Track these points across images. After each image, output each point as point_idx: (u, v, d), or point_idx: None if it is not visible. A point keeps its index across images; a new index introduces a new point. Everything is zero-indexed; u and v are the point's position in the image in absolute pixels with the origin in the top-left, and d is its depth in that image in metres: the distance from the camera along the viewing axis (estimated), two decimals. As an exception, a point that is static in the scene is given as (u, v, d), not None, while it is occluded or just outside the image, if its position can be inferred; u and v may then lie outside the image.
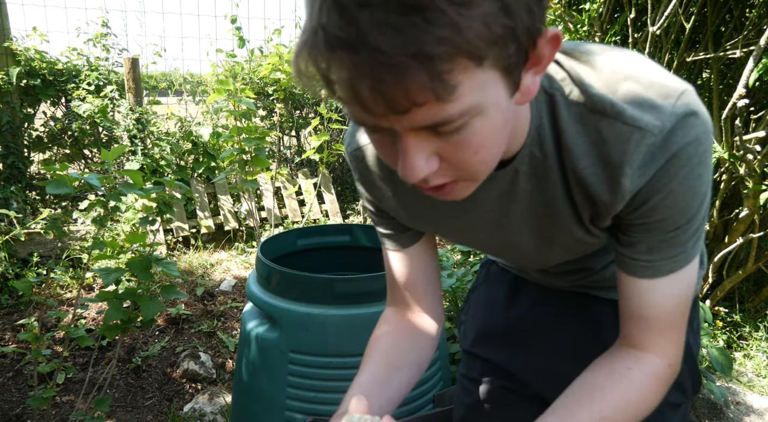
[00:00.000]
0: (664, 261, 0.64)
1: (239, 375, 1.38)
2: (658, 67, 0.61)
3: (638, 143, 0.57)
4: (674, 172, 0.58)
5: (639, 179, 0.59)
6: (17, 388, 2.12)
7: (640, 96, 0.58)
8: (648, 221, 0.62)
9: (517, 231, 0.72)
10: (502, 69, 0.47)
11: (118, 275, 1.36)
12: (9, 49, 3.55)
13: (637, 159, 0.58)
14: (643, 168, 0.59)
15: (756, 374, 2.30)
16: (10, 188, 3.41)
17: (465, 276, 2.24)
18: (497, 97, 0.48)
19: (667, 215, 0.61)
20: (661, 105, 0.57)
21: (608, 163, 0.60)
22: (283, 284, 1.26)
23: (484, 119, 0.49)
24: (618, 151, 0.59)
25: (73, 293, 2.90)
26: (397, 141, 0.51)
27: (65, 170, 1.30)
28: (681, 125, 0.57)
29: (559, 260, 0.79)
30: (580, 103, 0.59)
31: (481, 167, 0.53)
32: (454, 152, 0.51)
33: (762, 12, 2.21)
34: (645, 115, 0.57)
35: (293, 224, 4.01)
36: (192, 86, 4.44)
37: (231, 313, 2.77)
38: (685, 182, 0.59)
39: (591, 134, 0.60)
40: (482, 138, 0.50)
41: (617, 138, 0.58)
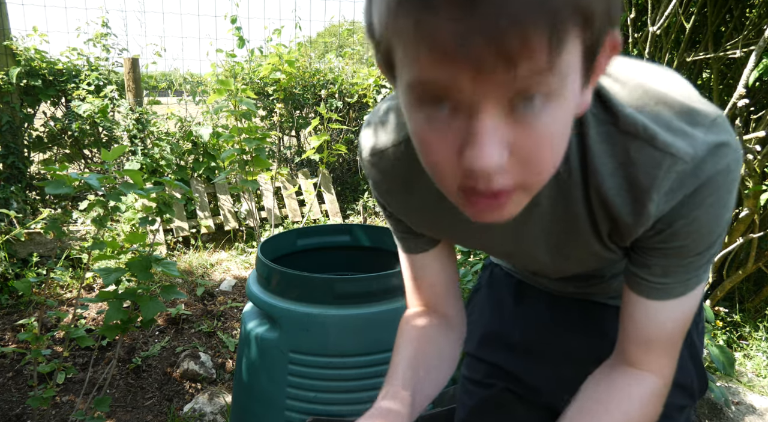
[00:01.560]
0: (677, 285, 0.64)
1: (239, 375, 1.38)
2: (692, 89, 0.60)
3: (669, 169, 0.56)
4: (701, 200, 0.57)
5: (665, 204, 0.58)
6: (17, 388, 2.12)
7: (673, 120, 0.56)
8: (668, 246, 0.61)
9: (534, 244, 0.71)
10: (585, 50, 0.45)
11: (118, 275, 1.36)
12: (9, 49, 3.55)
13: (665, 185, 0.57)
14: (670, 194, 0.57)
15: (756, 374, 2.30)
16: (10, 188, 3.41)
17: (465, 276, 2.24)
18: (575, 83, 0.46)
19: (689, 241, 0.60)
20: (694, 132, 0.56)
21: (635, 186, 0.58)
22: (283, 284, 1.26)
23: (562, 105, 0.46)
24: (647, 175, 0.57)
25: (73, 293, 2.90)
26: (466, 123, 0.46)
27: (65, 170, 1.30)
28: (713, 153, 0.56)
29: (573, 272, 0.79)
30: (610, 123, 0.58)
31: (547, 168, 0.49)
32: (528, 142, 0.46)
33: (762, 12, 2.21)
34: (677, 141, 0.56)
35: (293, 224, 4.01)
36: (192, 86, 4.44)
37: (231, 313, 2.77)
38: (711, 210, 0.58)
39: (619, 155, 0.58)
40: (557, 129, 0.47)
41: (647, 162, 0.57)
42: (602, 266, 0.80)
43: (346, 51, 4.92)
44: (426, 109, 0.47)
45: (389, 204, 0.76)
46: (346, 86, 4.46)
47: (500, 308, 0.99)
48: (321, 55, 5.12)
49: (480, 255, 2.57)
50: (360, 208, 4.31)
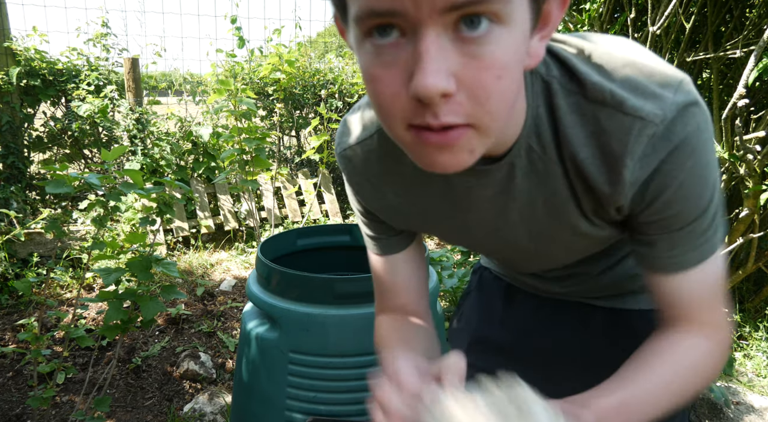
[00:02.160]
0: (689, 254, 0.63)
1: (239, 375, 1.38)
2: (655, 56, 0.60)
3: (639, 134, 0.56)
4: (680, 163, 0.57)
5: (640, 170, 0.58)
6: (17, 388, 2.12)
7: (641, 85, 0.56)
8: (663, 216, 0.61)
9: (514, 230, 0.70)
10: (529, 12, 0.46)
11: (118, 275, 1.36)
12: (9, 49, 3.55)
13: (638, 150, 0.56)
14: (644, 159, 0.57)
15: (756, 374, 2.30)
16: (10, 188, 3.41)
17: (465, 276, 2.25)
18: (523, 16, 0.46)
19: (682, 207, 0.60)
20: (662, 94, 0.56)
21: (608, 153, 0.58)
22: (283, 284, 1.26)
23: (509, 32, 0.45)
24: (618, 141, 0.57)
25: (73, 293, 2.90)
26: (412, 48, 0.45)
27: (65, 170, 1.30)
28: (682, 114, 0.56)
29: (558, 261, 0.77)
30: (578, 93, 0.58)
31: (497, 104, 0.47)
32: (476, 71, 0.45)
33: (762, 12, 2.21)
34: (646, 104, 0.56)
35: (293, 224, 4.01)
36: (192, 86, 4.44)
37: (231, 313, 2.77)
38: (694, 172, 0.58)
39: (589, 123, 0.58)
40: (505, 60, 0.46)
41: (617, 128, 0.57)
42: (588, 259, 0.79)
43: (346, 51, 4.92)
44: (373, 40, 0.46)
45: (366, 200, 0.76)
46: (346, 86, 4.46)
47: (489, 312, 0.99)
48: (321, 55, 5.12)
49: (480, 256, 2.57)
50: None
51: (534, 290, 0.93)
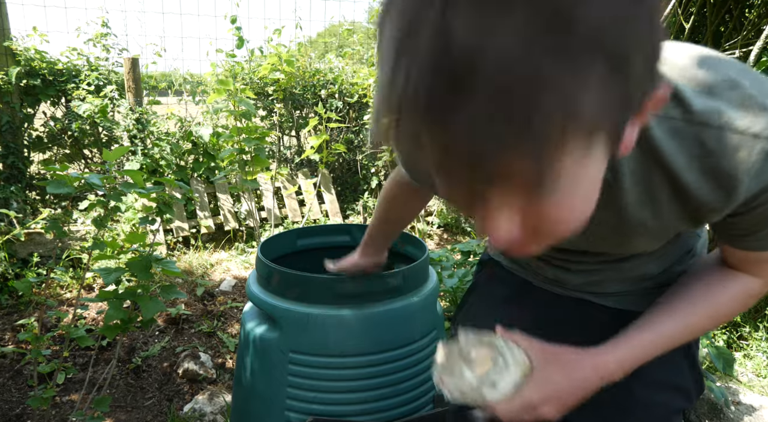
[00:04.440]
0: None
1: (239, 375, 1.38)
2: (743, 64, 0.60)
3: (752, 151, 0.55)
4: None
5: (756, 185, 0.58)
6: (17, 388, 2.12)
7: (746, 101, 0.55)
8: (757, 218, 0.63)
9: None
10: (608, 138, 0.41)
11: (118, 275, 1.36)
12: (9, 49, 3.55)
13: (755, 167, 0.56)
14: (761, 176, 0.57)
15: (756, 374, 2.30)
16: (10, 188, 3.41)
17: (465, 276, 2.24)
18: (598, 168, 0.43)
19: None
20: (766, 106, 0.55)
21: (719, 174, 0.57)
22: (283, 284, 1.26)
23: (578, 181, 0.43)
24: (731, 161, 0.56)
25: (73, 293, 2.90)
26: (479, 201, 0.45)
27: (65, 170, 1.30)
28: None
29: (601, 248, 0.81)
30: (676, 118, 0.56)
31: (567, 230, 0.47)
32: (540, 219, 0.45)
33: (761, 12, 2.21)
34: (756, 121, 0.55)
35: (293, 224, 4.01)
36: (192, 86, 4.44)
37: (231, 313, 2.78)
38: None
39: (691, 147, 0.57)
40: (572, 202, 0.44)
41: (728, 148, 0.56)
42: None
43: (346, 51, 4.92)
44: None
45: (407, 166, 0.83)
46: (346, 86, 4.46)
47: (498, 307, 0.99)
48: (321, 55, 5.11)
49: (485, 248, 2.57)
50: (360, 208, 4.31)
51: (549, 286, 0.94)
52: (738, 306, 0.73)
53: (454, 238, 4.16)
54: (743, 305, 0.74)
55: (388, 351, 1.26)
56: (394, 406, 1.28)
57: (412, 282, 1.31)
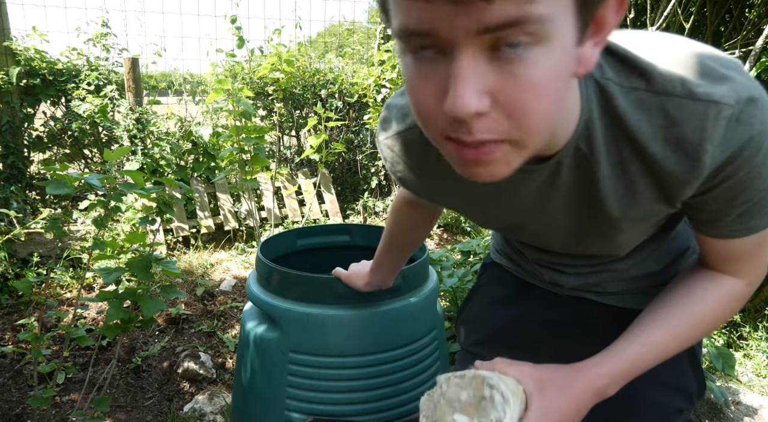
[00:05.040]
0: (756, 220, 0.64)
1: (239, 374, 1.39)
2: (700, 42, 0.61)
3: (716, 118, 0.55)
4: (758, 147, 0.57)
5: (721, 154, 0.57)
6: (17, 388, 2.12)
7: (707, 69, 0.56)
8: (732, 193, 0.61)
9: (555, 218, 0.72)
10: (575, 19, 0.45)
11: (118, 274, 1.36)
12: (9, 49, 3.55)
13: (717, 135, 0.56)
14: (725, 143, 0.56)
15: (756, 374, 2.30)
16: (10, 188, 3.41)
17: (465, 276, 2.24)
18: (566, 31, 0.44)
19: (751, 186, 0.60)
20: (731, 76, 0.56)
21: (684, 143, 0.57)
22: (283, 284, 1.26)
23: (549, 51, 0.44)
24: (695, 129, 0.56)
25: (73, 293, 2.90)
26: (448, 67, 0.45)
27: (65, 170, 1.30)
28: (756, 96, 0.56)
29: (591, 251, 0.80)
30: (641, 88, 0.57)
31: (536, 121, 0.47)
32: (512, 90, 0.44)
33: (761, 12, 2.21)
34: (718, 88, 0.55)
35: (293, 224, 4.01)
36: (192, 86, 4.44)
37: (231, 313, 2.78)
38: (766, 153, 0.57)
39: (656, 117, 0.57)
40: (544, 77, 0.44)
41: (692, 116, 0.56)
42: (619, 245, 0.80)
43: (346, 51, 4.92)
44: (413, 55, 0.47)
45: (406, 184, 0.79)
46: (346, 86, 4.46)
47: (500, 307, 1.00)
48: (321, 55, 5.11)
49: (480, 255, 2.56)
50: (360, 208, 4.31)
51: (548, 286, 0.94)
52: (724, 311, 0.71)
53: (454, 238, 4.16)
54: (730, 309, 0.72)
55: (388, 351, 1.26)
56: (394, 406, 1.28)
57: (412, 282, 1.31)
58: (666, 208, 0.66)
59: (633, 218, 0.68)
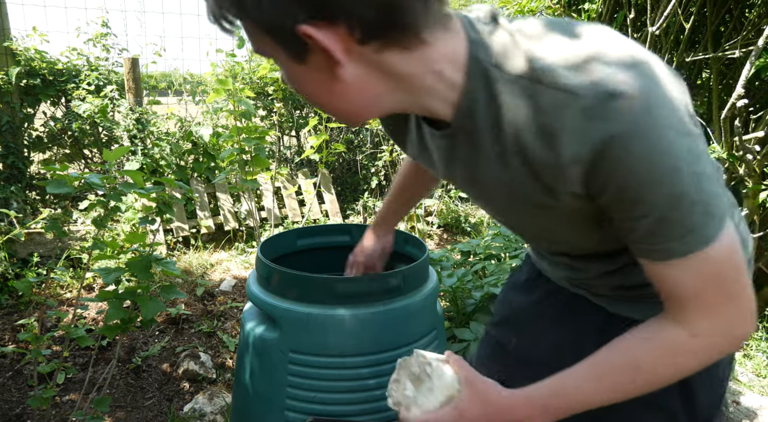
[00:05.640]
0: (672, 243, 0.61)
1: (239, 375, 1.39)
2: (622, 38, 0.61)
3: (569, 107, 0.56)
4: (626, 147, 0.55)
5: (580, 146, 0.57)
6: (17, 388, 2.12)
7: (581, 62, 0.57)
8: (623, 203, 0.60)
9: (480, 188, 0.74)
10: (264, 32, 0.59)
11: (118, 274, 1.36)
12: (9, 49, 3.55)
13: (570, 124, 0.57)
14: (578, 133, 0.57)
15: (756, 374, 2.30)
16: (10, 188, 3.41)
17: (465, 276, 2.25)
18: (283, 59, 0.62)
19: (640, 195, 0.58)
20: (602, 70, 0.56)
21: (545, 132, 0.59)
22: (283, 284, 1.26)
23: (288, 70, 0.63)
24: (552, 117, 0.58)
25: (73, 293, 2.90)
26: None
27: (65, 170, 1.30)
28: (625, 92, 0.55)
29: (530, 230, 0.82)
30: (523, 77, 0.59)
31: (325, 110, 0.67)
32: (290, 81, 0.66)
33: (761, 12, 2.21)
34: (580, 79, 0.56)
35: (293, 224, 4.01)
36: (192, 86, 4.44)
37: (231, 313, 2.78)
38: (648, 158, 0.56)
39: (530, 105, 0.59)
40: (297, 84, 0.65)
41: (551, 104, 0.57)
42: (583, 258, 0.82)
43: (346, 51, 4.92)
44: None
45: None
46: (346, 86, 4.45)
47: (515, 292, 1.05)
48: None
49: (480, 255, 2.56)
50: (360, 208, 4.31)
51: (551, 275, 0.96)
52: (661, 364, 0.66)
53: (454, 238, 4.16)
54: (670, 364, 0.66)
55: (388, 351, 1.26)
56: (394, 406, 1.28)
57: (412, 282, 1.31)
58: (554, 202, 0.66)
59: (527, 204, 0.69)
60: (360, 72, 0.61)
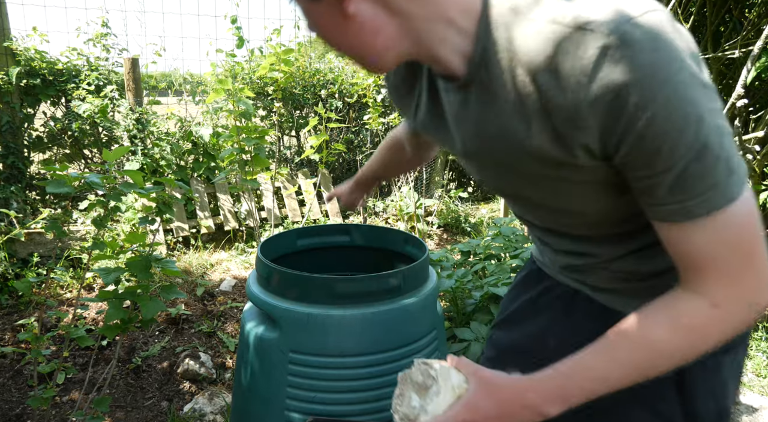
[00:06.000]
0: (693, 201, 0.58)
1: (239, 375, 1.39)
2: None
3: (587, 46, 0.55)
4: (648, 93, 0.54)
5: (597, 89, 0.55)
6: (17, 388, 2.12)
7: (606, 7, 0.56)
8: (642, 154, 0.57)
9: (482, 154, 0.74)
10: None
11: (118, 274, 1.36)
12: (9, 49, 3.55)
13: (587, 64, 0.55)
14: (595, 74, 0.55)
15: (756, 374, 2.30)
16: (10, 188, 3.41)
17: (465, 276, 2.24)
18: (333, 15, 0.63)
19: (660, 145, 0.56)
20: (624, 11, 0.55)
21: (562, 73, 0.57)
22: (283, 284, 1.26)
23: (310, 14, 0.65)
24: (570, 58, 0.56)
25: (73, 293, 2.90)
26: None
27: (65, 170, 1.30)
28: (645, 35, 0.54)
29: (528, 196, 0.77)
30: (541, 18, 0.58)
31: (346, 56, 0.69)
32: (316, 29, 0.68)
33: (761, 12, 2.21)
34: (601, 18, 0.55)
35: (293, 224, 4.01)
36: (192, 86, 4.44)
37: (231, 313, 2.78)
38: (669, 106, 0.54)
39: (547, 46, 0.58)
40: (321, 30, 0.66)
41: (570, 45, 0.56)
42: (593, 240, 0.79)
43: (346, 51, 4.92)
44: None
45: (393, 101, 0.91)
46: (346, 86, 4.46)
47: (516, 293, 1.04)
48: (321, 55, 5.12)
49: (480, 255, 2.56)
50: (360, 208, 4.31)
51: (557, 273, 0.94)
52: (680, 337, 0.63)
53: (454, 238, 4.16)
54: (690, 338, 0.63)
55: (388, 351, 1.26)
56: (394, 406, 1.28)
57: (412, 282, 1.31)
58: (568, 157, 0.63)
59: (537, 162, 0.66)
60: (368, 9, 0.62)
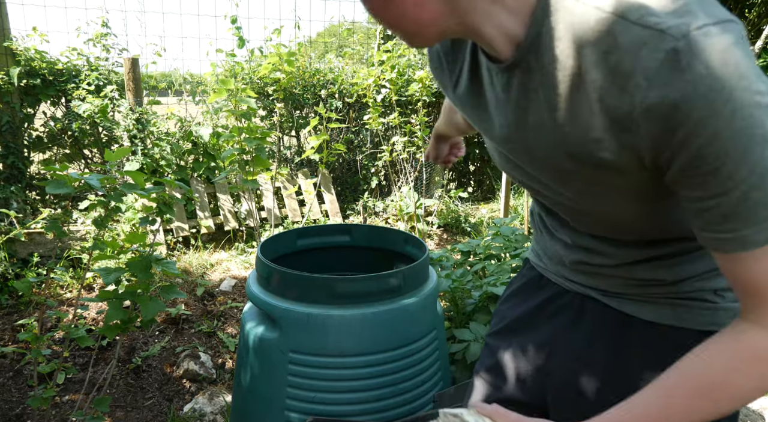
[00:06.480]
0: (750, 230, 0.53)
1: (239, 375, 1.39)
2: None
3: (655, 48, 0.50)
4: (713, 105, 0.49)
5: (656, 94, 0.51)
6: (17, 388, 2.12)
7: (679, 8, 0.51)
8: (699, 172, 0.52)
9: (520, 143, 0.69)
10: None
11: (118, 274, 1.36)
12: (9, 49, 3.55)
13: (651, 66, 0.50)
14: (659, 79, 0.50)
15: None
16: (10, 188, 3.41)
17: (464, 277, 2.25)
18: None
19: (720, 164, 0.51)
20: (696, 14, 0.50)
21: (619, 72, 0.53)
22: (283, 284, 1.26)
23: None
24: (631, 57, 0.51)
25: (73, 293, 2.90)
26: None
27: (65, 170, 1.30)
28: (717, 42, 0.49)
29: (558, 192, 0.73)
30: (605, 9, 0.53)
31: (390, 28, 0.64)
32: None
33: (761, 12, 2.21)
34: (672, 19, 0.50)
35: (293, 224, 4.01)
36: (192, 86, 4.44)
37: (231, 313, 2.78)
38: (734, 123, 0.49)
39: (603, 41, 0.53)
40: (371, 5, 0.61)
41: (632, 42, 0.51)
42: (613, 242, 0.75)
43: (346, 51, 4.92)
44: None
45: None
46: (346, 86, 4.46)
47: (514, 301, 1.02)
48: (321, 55, 5.12)
49: (480, 255, 2.56)
50: (360, 208, 4.32)
51: (562, 279, 0.91)
52: (745, 376, 0.57)
53: (454, 238, 4.16)
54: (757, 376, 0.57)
55: (388, 351, 1.26)
56: (394, 406, 1.28)
57: (412, 282, 1.31)
58: (612, 156, 0.59)
59: (574, 158, 0.63)
60: None
